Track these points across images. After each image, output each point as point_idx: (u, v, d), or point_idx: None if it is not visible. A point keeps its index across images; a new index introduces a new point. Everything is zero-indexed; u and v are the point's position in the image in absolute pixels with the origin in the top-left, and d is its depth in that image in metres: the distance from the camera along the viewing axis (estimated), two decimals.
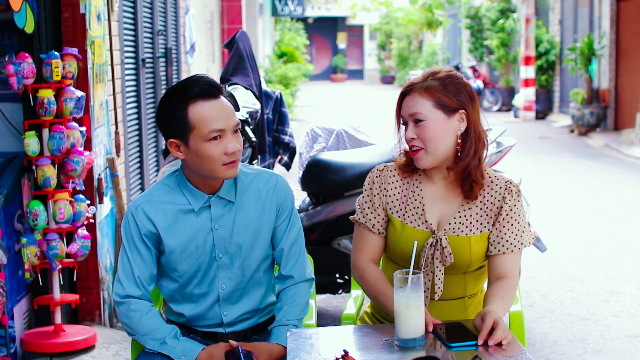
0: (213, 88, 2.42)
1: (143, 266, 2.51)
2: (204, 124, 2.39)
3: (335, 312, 5.10)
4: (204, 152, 2.40)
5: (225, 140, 2.41)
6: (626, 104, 14.73)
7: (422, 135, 2.46)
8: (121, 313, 2.53)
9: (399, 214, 2.56)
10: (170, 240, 2.49)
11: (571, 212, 8.18)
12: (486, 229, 2.52)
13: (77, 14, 4.32)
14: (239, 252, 2.53)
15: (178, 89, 2.44)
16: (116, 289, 2.52)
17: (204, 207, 2.50)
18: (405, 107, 2.51)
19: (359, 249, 2.62)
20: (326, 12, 39.84)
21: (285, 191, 2.59)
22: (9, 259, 3.85)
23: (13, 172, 4.00)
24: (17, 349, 3.99)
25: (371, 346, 2.25)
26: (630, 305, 5.22)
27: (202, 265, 2.53)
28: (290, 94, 18.53)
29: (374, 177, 2.61)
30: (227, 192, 2.52)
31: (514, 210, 2.51)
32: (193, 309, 2.58)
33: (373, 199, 2.60)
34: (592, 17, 16.42)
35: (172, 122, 2.42)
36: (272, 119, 5.72)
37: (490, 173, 2.57)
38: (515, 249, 2.51)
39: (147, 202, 2.51)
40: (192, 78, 2.45)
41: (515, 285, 2.49)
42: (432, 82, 2.49)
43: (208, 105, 2.40)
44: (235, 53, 5.29)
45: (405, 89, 2.53)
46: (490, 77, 22.35)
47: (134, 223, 2.49)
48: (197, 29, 8.75)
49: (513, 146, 4.56)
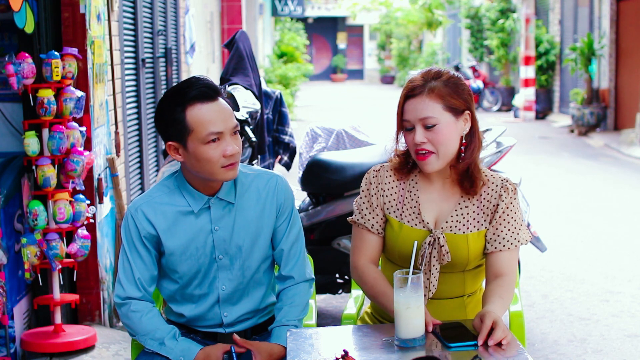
0: (211, 90, 2.41)
1: (143, 268, 2.51)
2: (202, 126, 2.38)
3: (335, 312, 5.10)
4: (203, 155, 2.39)
5: (224, 143, 2.40)
6: (626, 104, 14.73)
7: (434, 139, 2.43)
8: (122, 314, 2.54)
9: (396, 213, 2.56)
10: (170, 242, 2.49)
11: (571, 212, 8.18)
12: (483, 226, 2.52)
13: (77, 14, 4.32)
14: (239, 253, 2.53)
15: (176, 92, 2.42)
16: (117, 290, 2.53)
17: (204, 209, 2.50)
18: (412, 111, 2.46)
19: (358, 249, 2.62)
20: (326, 12, 39.83)
21: (285, 192, 2.59)
22: (9, 259, 3.85)
23: (13, 172, 4.00)
24: (17, 349, 3.99)
25: (371, 346, 2.25)
26: (630, 305, 5.22)
27: (202, 266, 2.53)
28: (290, 94, 18.53)
29: (371, 177, 2.61)
30: (227, 193, 2.51)
31: (510, 208, 2.52)
32: (193, 309, 2.58)
33: (371, 199, 2.60)
34: (592, 17, 16.42)
35: (170, 124, 2.42)
36: (272, 119, 5.72)
37: (485, 171, 2.57)
38: (512, 246, 2.51)
39: (146, 203, 2.50)
40: (190, 80, 2.44)
41: (513, 283, 2.49)
42: (437, 84, 2.45)
43: (206, 108, 2.39)
44: (235, 53, 5.29)
45: (409, 92, 2.47)
46: (490, 77, 22.35)
47: (133, 225, 2.49)
48: (197, 29, 8.75)
49: (513, 146, 4.55)
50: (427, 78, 2.47)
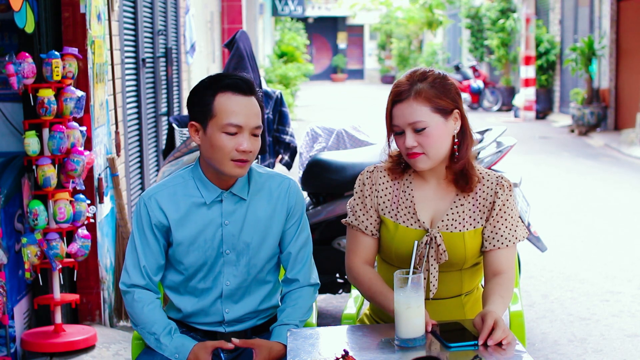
0: (245, 84, 2.46)
1: (150, 256, 2.53)
2: (225, 114, 2.41)
3: (335, 312, 5.10)
4: (217, 142, 2.42)
5: (241, 138, 2.43)
6: (626, 104, 14.73)
7: (424, 142, 2.42)
8: (126, 303, 2.56)
9: (391, 214, 2.56)
10: (179, 232, 2.51)
11: (571, 212, 8.18)
12: (479, 224, 2.52)
13: (77, 14, 4.32)
14: (246, 249, 2.55)
15: (213, 77, 2.49)
16: (123, 277, 2.56)
17: (216, 201, 2.52)
18: (400, 116, 2.44)
19: (353, 251, 2.62)
20: (326, 11, 39.82)
21: (297, 196, 2.61)
22: (9, 259, 3.85)
23: (13, 172, 4.00)
24: (17, 349, 3.99)
25: (371, 346, 2.25)
26: (631, 305, 5.23)
27: (209, 259, 2.54)
28: (291, 93, 18.53)
29: (364, 178, 2.61)
30: (241, 189, 2.53)
31: (507, 205, 2.51)
32: (195, 303, 2.59)
33: (364, 200, 2.59)
34: (592, 17, 16.42)
35: (197, 104, 2.46)
36: (272, 119, 5.72)
37: (479, 168, 2.57)
38: (510, 243, 2.51)
39: (161, 192, 2.53)
40: (231, 72, 2.49)
41: (512, 280, 2.49)
42: (424, 86, 2.42)
43: (235, 99, 2.43)
44: (236, 53, 5.29)
45: (396, 97, 2.44)
46: (490, 77, 22.35)
47: (145, 212, 2.52)
48: (197, 29, 8.75)
49: (513, 146, 4.56)
50: (412, 80, 2.44)
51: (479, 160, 4.38)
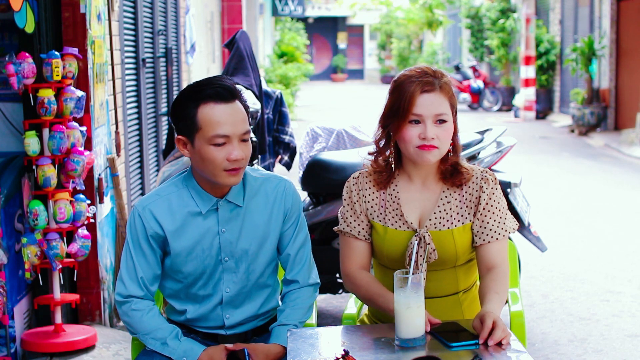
0: (227, 91, 2.39)
1: (147, 267, 2.50)
2: (210, 126, 2.37)
3: (335, 312, 5.10)
4: (207, 155, 2.38)
5: (230, 147, 2.38)
6: (626, 104, 14.73)
7: (442, 135, 2.45)
8: (122, 312, 2.53)
9: (380, 218, 2.56)
10: (177, 243, 2.48)
11: (571, 212, 8.18)
12: (467, 220, 2.52)
13: (77, 14, 4.32)
14: (245, 256, 2.53)
15: (194, 87, 2.42)
16: (118, 288, 2.51)
17: (212, 210, 2.49)
18: (428, 105, 2.44)
19: (347, 257, 2.61)
20: (326, 11, 39.82)
21: (293, 197, 2.58)
22: (9, 259, 3.85)
23: (13, 172, 4.00)
24: (17, 349, 3.99)
25: (371, 346, 2.25)
26: (631, 305, 5.22)
27: (208, 267, 2.52)
28: (291, 93, 18.52)
29: (351, 185, 2.61)
30: (236, 196, 2.50)
31: (493, 199, 2.52)
32: (197, 309, 2.57)
33: (354, 206, 2.59)
34: (592, 17, 16.41)
35: (182, 118, 2.41)
36: (272, 119, 5.72)
37: (464, 164, 2.58)
38: (500, 236, 2.51)
39: (155, 202, 2.49)
40: (210, 78, 2.44)
41: (506, 274, 2.49)
42: (445, 81, 2.48)
43: (218, 108, 2.37)
44: (236, 53, 5.29)
45: (426, 87, 2.44)
46: (490, 77, 22.34)
47: (140, 223, 2.48)
48: (197, 29, 8.75)
49: (513, 146, 4.56)
50: (435, 74, 2.49)
51: (479, 160, 4.39)
